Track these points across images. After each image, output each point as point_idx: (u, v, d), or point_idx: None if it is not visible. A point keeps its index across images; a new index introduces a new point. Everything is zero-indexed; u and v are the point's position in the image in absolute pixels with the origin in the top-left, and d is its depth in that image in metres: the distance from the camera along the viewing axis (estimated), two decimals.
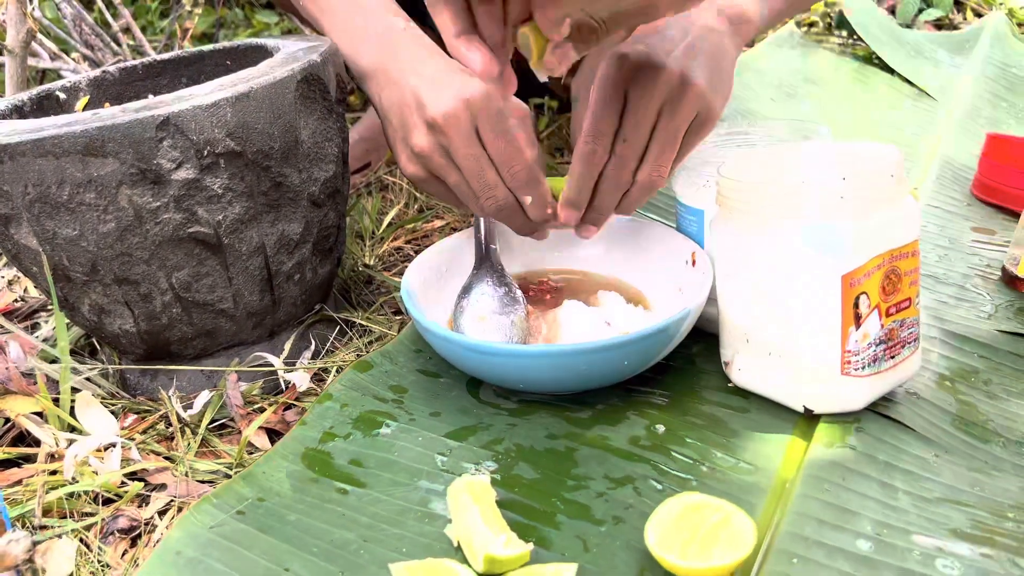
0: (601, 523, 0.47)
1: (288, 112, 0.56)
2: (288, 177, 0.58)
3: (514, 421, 0.56)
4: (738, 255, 0.54)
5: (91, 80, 0.70)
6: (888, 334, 0.53)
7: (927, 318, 0.67)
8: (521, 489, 0.49)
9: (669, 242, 0.66)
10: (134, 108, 0.52)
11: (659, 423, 0.55)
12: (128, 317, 0.58)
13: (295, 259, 0.61)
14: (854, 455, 0.51)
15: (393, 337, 0.66)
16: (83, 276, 0.55)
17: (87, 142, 0.50)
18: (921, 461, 0.52)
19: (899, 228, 0.52)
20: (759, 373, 0.56)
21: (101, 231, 0.53)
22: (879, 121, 1.09)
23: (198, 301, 0.58)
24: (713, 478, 0.50)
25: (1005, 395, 0.59)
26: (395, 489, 0.50)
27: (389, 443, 0.54)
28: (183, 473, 0.53)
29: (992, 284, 0.74)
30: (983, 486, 0.50)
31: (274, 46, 0.67)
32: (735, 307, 0.56)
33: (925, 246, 0.80)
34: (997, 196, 0.90)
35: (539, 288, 0.69)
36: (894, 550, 0.44)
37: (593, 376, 0.55)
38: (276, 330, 0.64)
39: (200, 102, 0.52)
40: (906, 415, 0.55)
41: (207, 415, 0.58)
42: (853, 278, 0.50)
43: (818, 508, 0.47)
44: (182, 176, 0.52)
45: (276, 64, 0.58)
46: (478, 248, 0.67)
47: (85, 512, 0.50)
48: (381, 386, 0.59)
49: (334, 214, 0.64)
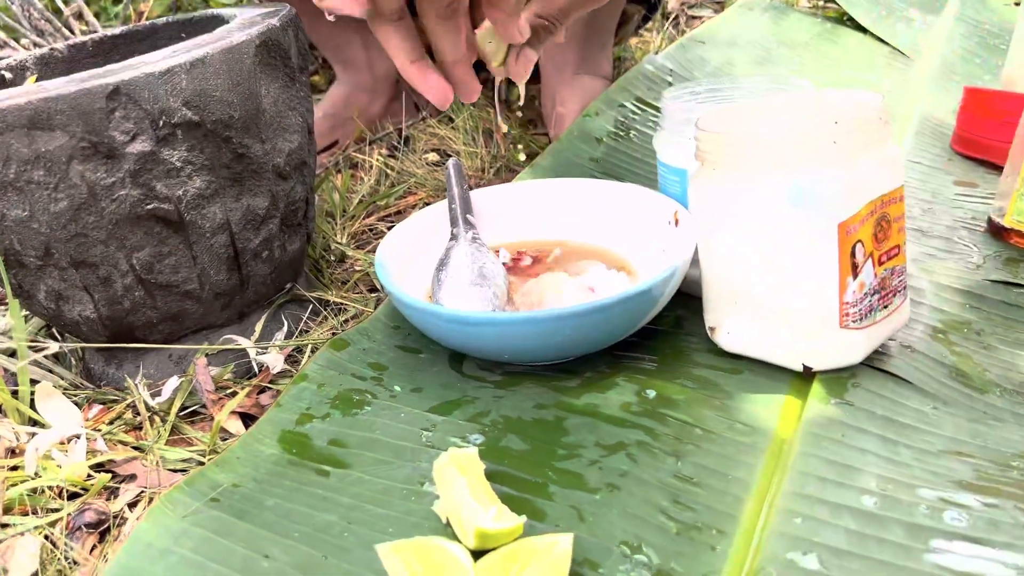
0: (595, 491, 0.45)
1: (247, 79, 0.53)
2: (251, 148, 0.55)
3: (500, 393, 0.53)
4: (723, 212, 0.52)
5: (38, 58, 0.66)
6: (881, 283, 0.51)
7: (916, 271, 0.65)
8: (511, 461, 0.47)
9: (650, 204, 0.64)
10: (81, 78, 0.48)
11: (650, 388, 0.53)
12: (88, 303, 0.55)
13: (262, 235, 0.58)
14: (852, 411, 0.50)
15: (369, 314, 0.63)
16: (37, 260, 0.52)
17: (32, 115, 0.47)
18: (920, 414, 0.50)
19: (888, 172, 0.50)
20: (751, 335, 0.54)
21: (53, 211, 0.50)
22: (854, 81, 1.08)
23: (161, 283, 0.55)
24: (708, 441, 0.48)
25: (999, 344, 0.58)
26: (379, 468, 0.47)
27: (370, 422, 0.51)
28: (153, 463, 0.50)
29: (978, 236, 0.72)
30: (984, 437, 0.49)
31: (230, 15, 0.64)
32: (722, 268, 0.54)
33: (909, 201, 0.78)
34: (977, 149, 0.89)
35: (517, 260, 0.67)
36: (900, 505, 0.43)
37: (579, 342, 0.53)
38: (246, 311, 0.61)
39: (152, 69, 0.49)
40: (902, 368, 0.54)
41: (176, 402, 0.55)
42: (849, 226, 0.48)
43: (819, 466, 0.46)
44: (137, 149, 0.49)
45: (233, 29, 0.55)
46: (453, 219, 0.64)
47: (50, 508, 0.47)
48: (359, 364, 0.57)
49: (301, 187, 0.61)
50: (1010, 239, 0.71)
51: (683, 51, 1.08)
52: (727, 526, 0.42)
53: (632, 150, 0.89)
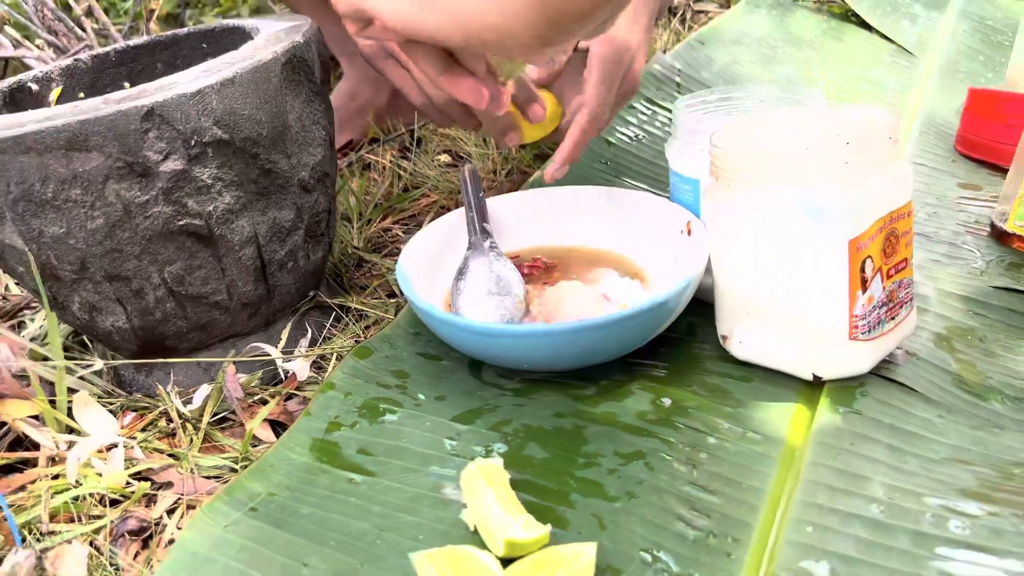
0: (615, 499, 0.47)
1: (274, 96, 0.55)
2: (277, 163, 0.56)
3: (520, 401, 0.55)
4: (737, 226, 0.54)
5: (63, 69, 0.67)
6: (889, 295, 0.53)
7: (921, 277, 0.67)
8: (533, 469, 0.49)
9: (663, 212, 0.66)
10: (116, 99, 0.50)
11: (664, 396, 0.55)
12: (120, 313, 0.56)
13: (288, 246, 0.60)
14: (860, 419, 0.52)
15: (390, 321, 0.65)
16: (72, 274, 0.54)
17: (70, 137, 0.48)
18: (926, 422, 0.52)
19: (896, 190, 0.52)
20: (763, 344, 0.56)
21: (89, 228, 0.51)
22: (860, 79, 1.09)
23: (192, 294, 0.57)
24: (722, 449, 0.50)
25: (1002, 351, 0.60)
26: (406, 476, 0.49)
27: (396, 430, 0.53)
28: (188, 470, 0.52)
29: (982, 240, 0.74)
30: (987, 444, 0.51)
31: (252, 27, 0.65)
32: (734, 280, 0.55)
33: (914, 205, 0.80)
34: (980, 151, 0.90)
35: (534, 266, 0.68)
36: (906, 513, 0.45)
37: (596, 352, 0.55)
38: (271, 319, 0.63)
39: (184, 90, 0.50)
40: (908, 376, 0.56)
41: (207, 410, 0.57)
42: (860, 242, 0.50)
43: (829, 475, 0.48)
44: (170, 168, 0.51)
45: (259, 46, 0.56)
46: (471, 228, 0.66)
47: (92, 515, 0.49)
48: (383, 372, 0.59)
49: (324, 198, 0.63)
50: (1013, 244, 0.73)
51: (690, 50, 1.09)
52: (742, 534, 0.45)
53: (642, 151, 0.91)
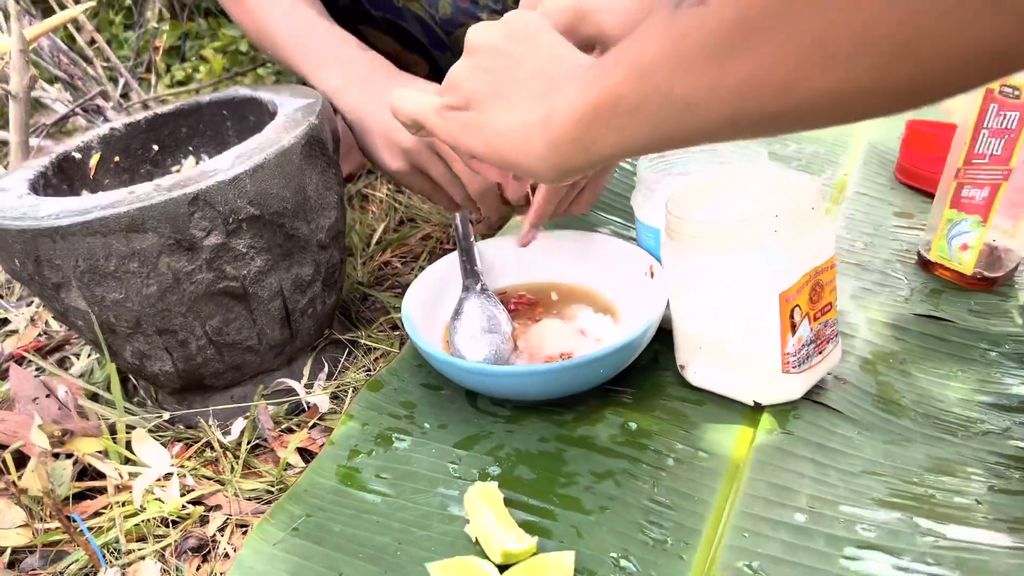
0: (590, 513, 0.57)
1: (296, 174, 0.64)
2: (299, 229, 0.66)
3: (511, 428, 0.66)
4: (689, 278, 0.64)
5: (100, 138, 0.76)
6: (816, 335, 0.64)
7: (853, 306, 0.78)
8: (522, 489, 0.60)
9: (629, 255, 0.76)
10: (167, 186, 0.59)
11: (631, 420, 0.66)
12: (167, 360, 0.66)
13: (308, 296, 0.70)
14: (792, 439, 0.62)
15: (396, 354, 0.75)
16: (127, 330, 0.64)
17: (130, 221, 0.58)
18: (846, 439, 0.63)
19: (820, 248, 0.62)
20: (712, 374, 0.66)
21: (144, 293, 0.61)
22: None
23: (228, 342, 0.66)
24: (678, 467, 0.61)
25: (917, 372, 0.71)
26: (418, 496, 0.60)
27: (407, 456, 0.63)
28: (232, 493, 0.62)
29: (910, 268, 0.85)
30: (896, 457, 0.62)
31: (269, 100, 0.74)
32: (688, 321, 0.66)
33: (853, 234, 0.91)
34: (917, 180, 1.01)
35: (519, 302, 0.78)
36: (824, 519, 0.56)
37: (574, 385, 0.65)
38: (294, 357, 0.73)
39: (224, 177, 0.60)
40: (834, 399, 0.66)
41: (244, 440, 0.67)
42: (788, 295, 0.60)
43: (764, 488, 0.58)
44: (212, 242, 0.60)
45: (281, 130, 0.66)
46: (464, 270, 0.76)
47: (157, 535, 0.59)
48: (393, 403, 0.69)
49: (337, 252, 0.72)
50: (936, 271, 0.84)
51: None
52: (692, 540, 0.55)
53: (614, 186, 1.01)
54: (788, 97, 0.31)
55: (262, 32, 0.79)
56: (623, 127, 0.39)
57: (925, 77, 0.28)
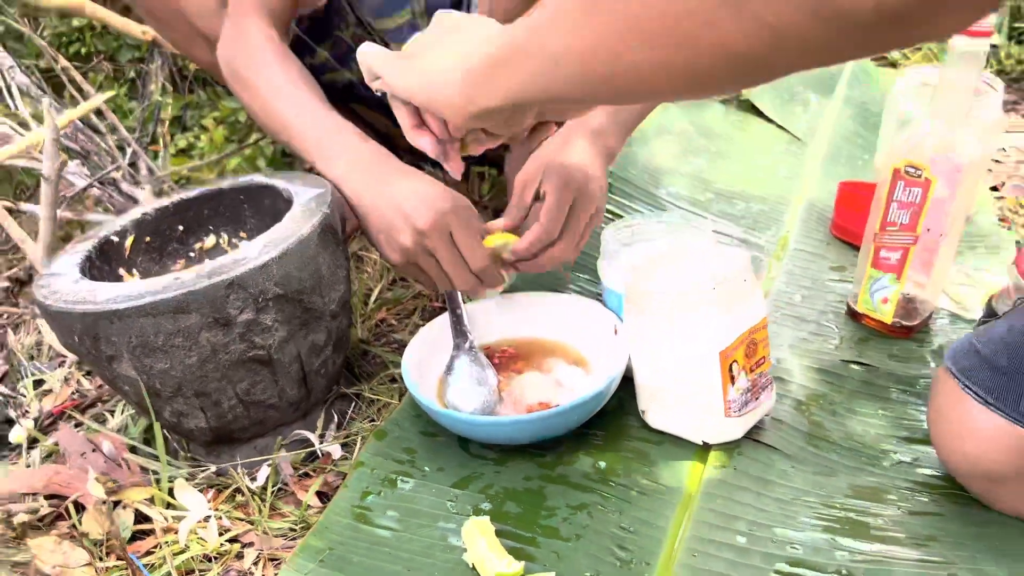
0: (568, 540, 0.69)
1: (313, 258, 0.76)
2: (315, 303, 0.77)
3: (499, 469, 0.77)
4: (645, 338, 0.76)
5: (134, 222, 0.87)
6: (752, 384, 0.76)
7: (790, 355, 0.91)
8: (510, 521, 0.71)
9: (597, 314, 0.88)
10: (207, 273, 0.71)
11: (601, 460, 0.77)
12: (202, 418, 0.77)
13: (321, 358, 0.81)
14: (735, 473, 0.74)
15: (396, 405, 0.86)
16: (169, 393, 0.74)
17: (176, 304, 0.69)
18: (781, 472, 0.75)
19: (754, 311, 0.75)
20: (667, 418, 0.78)
21: (186, 363, 0.72)
22: (758, 167, 1.33)
23: (254, 401, 0.77)
24: (641, 498, 0.73)
25: (844, 412, 0.83)
26: (421, 530, 0.71)
27: (411, 495, 0.74)
28: (262, 531, 0.73)
29: (841, 318, 0.98)
30: (823, 486, 0.74)
31: (283, 188, 0.86)
32: (646, 373, 0.78)
33: (792, 287, 1.03)
34: (849, 236, 1.14)
35: (502, 355, 0.90)
36: (761, 540, 0.68)
37: (554, 431, 0.77)
38: (308, 411, 0.84)
39: (254, 264, 0.71)
40: (771, 438, 0.78)
41: (269, 485, 0.77)
42: (727, 352, 0.73)
43: (711, 515, 0.70)
44: (244, 318, 0.72)
45: (299, 220, 0.77)
46: (454, 330, 0.88)
47: (201, 570, 0.70)
48: (396, 450, 0.80)
49: (345, 319, 0.84)
50: (863, 321, 0.97)
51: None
52: (652, 560, 0.67)
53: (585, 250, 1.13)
54: (617, 63, 0.44)
55: (270, 117, 0.90)
56: (514, 74, 0.53)
57: (701, 64, 0.40)
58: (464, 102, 0.58)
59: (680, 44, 0.41)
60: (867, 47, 0.37)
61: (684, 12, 0.39)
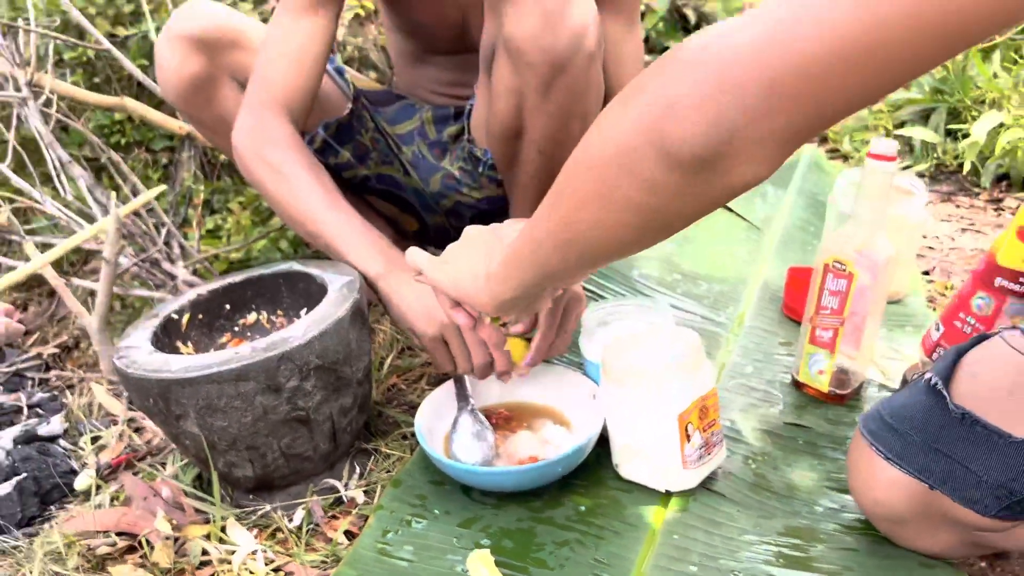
0: (553, 569, 0.84)
1: (346, 335, 0.92)
2: (345, 372, 0.94)
3: (496, 512, 0.93)
4: (619, 404, 0.93)
5: (191, 302, 1.04)
6: (705, 441, 0.92)
7: (741, 418, 1.07)
8: (506, 554, 0.86)
9: (579, 383, 1.04)
10: (262, 347, 0.87)
11: (582, 504, 0.93)
12: (249, 468, 0.92)
13: (348, 418, 0.97)
14: (690, 515, 0.91)
15: (408, 458, 1.02)
16: (225, 447, 0.90)
17: (238, 373, 0.85)
18: (728, 515, 0.91)
19: (704, 382, 0.92)
20: (636, 470, 0.94)
21: (242, 422, 0.88)
22: (719, 251, 1.50)
23: (293, 454, 0.93)
24: (614, 536, 0.88)
25: (783, 466, 1.00)
26: (433, 562, 0.86)
27: (424, 533, 0.90)
28: (300, 563, 0.88)
29: (786, 387, 1.15)
30: (763, 526, 0.90)
31: (317, 275, 1.03)
32: (620, 432, 0.95)
33: (745, 359, 1.21)
34: (797, 315, 1.32)
35: (498, 416, 1.06)
36: (710, 570, 0.83)
37: (542, 480, 0.93)
38: (335, 462, 1.00)
39: (300, 341, 0.87)
40: (722, 487, 0.95)
41: (304, 525, 0.93)
42: (683, 416, 0.89)
43: (669, 549, 0.86)
44: (291, 385, 0.88)
45: (335, 303, 0.94)
46: (458, 395, 1.04)
47: None
48: (410, 496, 0.95)
49: (368, 384, 1.00)
50: (804, 389, 1.14)
51: None
52: None
53: None
54: (571, 229, 0.63)
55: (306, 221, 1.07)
56: (520, 265, 0.73)
57: (625, 218, 0.58)
58: (489, 298, 0.80)
59: (604, 207, 0.60)
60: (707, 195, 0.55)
61: (604, 187, 0.59)
